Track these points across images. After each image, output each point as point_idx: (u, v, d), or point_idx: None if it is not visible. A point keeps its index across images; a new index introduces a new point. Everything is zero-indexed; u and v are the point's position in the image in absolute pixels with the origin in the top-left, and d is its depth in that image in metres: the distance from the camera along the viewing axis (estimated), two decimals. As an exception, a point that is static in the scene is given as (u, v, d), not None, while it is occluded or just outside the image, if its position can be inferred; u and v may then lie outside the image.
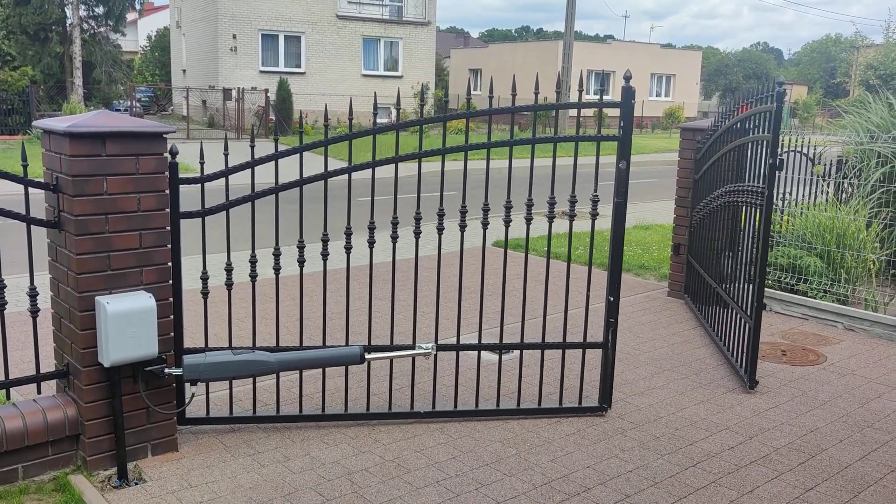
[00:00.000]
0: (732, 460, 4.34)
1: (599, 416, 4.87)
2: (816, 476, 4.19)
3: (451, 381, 5.19)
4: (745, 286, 5.57)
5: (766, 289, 6.71)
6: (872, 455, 4.46)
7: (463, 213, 4.58)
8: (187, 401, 4.29)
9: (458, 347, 4.76)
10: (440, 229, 4.56)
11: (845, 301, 7.10)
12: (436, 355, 4.60)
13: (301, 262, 4.44)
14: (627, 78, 4.55)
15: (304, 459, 4.20)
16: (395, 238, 4.51)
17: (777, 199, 6.79)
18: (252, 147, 4.27)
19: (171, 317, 4.10)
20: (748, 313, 5.43)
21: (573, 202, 4.65)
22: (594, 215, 4.72)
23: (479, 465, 4.20)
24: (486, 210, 4.60)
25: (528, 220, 4.65)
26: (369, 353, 4.44)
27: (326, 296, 4.56)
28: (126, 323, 3.73)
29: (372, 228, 4.49)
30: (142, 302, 3.80)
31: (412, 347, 4.49)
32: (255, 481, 3.95)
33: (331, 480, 3.99)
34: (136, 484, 3.88)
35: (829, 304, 7.02)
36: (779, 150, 5.18)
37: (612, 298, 4.74)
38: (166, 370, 4.00)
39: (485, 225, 4.58)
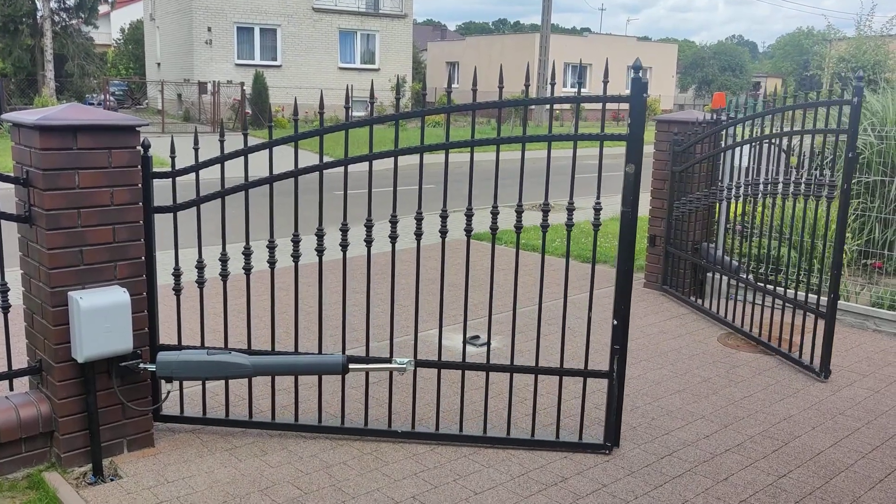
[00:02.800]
0: (708, 448, 4.39)
1: (602, 454, 4.31)
2: (789, 463, 4.25)
3: (432, 380, 5.19)
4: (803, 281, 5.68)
5: (740, 278, 6.79)
6: (844, 442, 4.53)
7: (444, 217, 4.18)
8: (163, 397, 4.25)
9: (439, 365, 4.34)
10: (418, 234, 4.19)
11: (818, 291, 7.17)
12: (415, 371, 4.23)
13: (272, 263, 4.25)
14: (637, 69, 3.84)
15: (282, 453, 4.19)
16: (369, 242, 4.17)
17: (751, 189, 6.88)
18: (221, 142, 4.22)
19: (146, 312, 4.07)
20: (817, 307, 5.60)
21: (571, 210, 4.21)
22: (596, 226, 4.18)
23: (457, 455, 4.22)
24: (468, 215, 4.20)
25: (518, 228, 4.21)
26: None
27: (298, 298, 4.51)
28: (100, 318, 3.69)
29: (345, 231, 4.18)
30: (116, 297, 3.77)
31: (389, 360, 4.13)
32: (233, 476, 3.93)
33: (309, 474, 3.98)
34: (112, 480, 3.85)
35: (803, 293, 7.09)
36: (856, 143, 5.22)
37: (616, 322, 4.15)
38: (141, 365, 3.97)
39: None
